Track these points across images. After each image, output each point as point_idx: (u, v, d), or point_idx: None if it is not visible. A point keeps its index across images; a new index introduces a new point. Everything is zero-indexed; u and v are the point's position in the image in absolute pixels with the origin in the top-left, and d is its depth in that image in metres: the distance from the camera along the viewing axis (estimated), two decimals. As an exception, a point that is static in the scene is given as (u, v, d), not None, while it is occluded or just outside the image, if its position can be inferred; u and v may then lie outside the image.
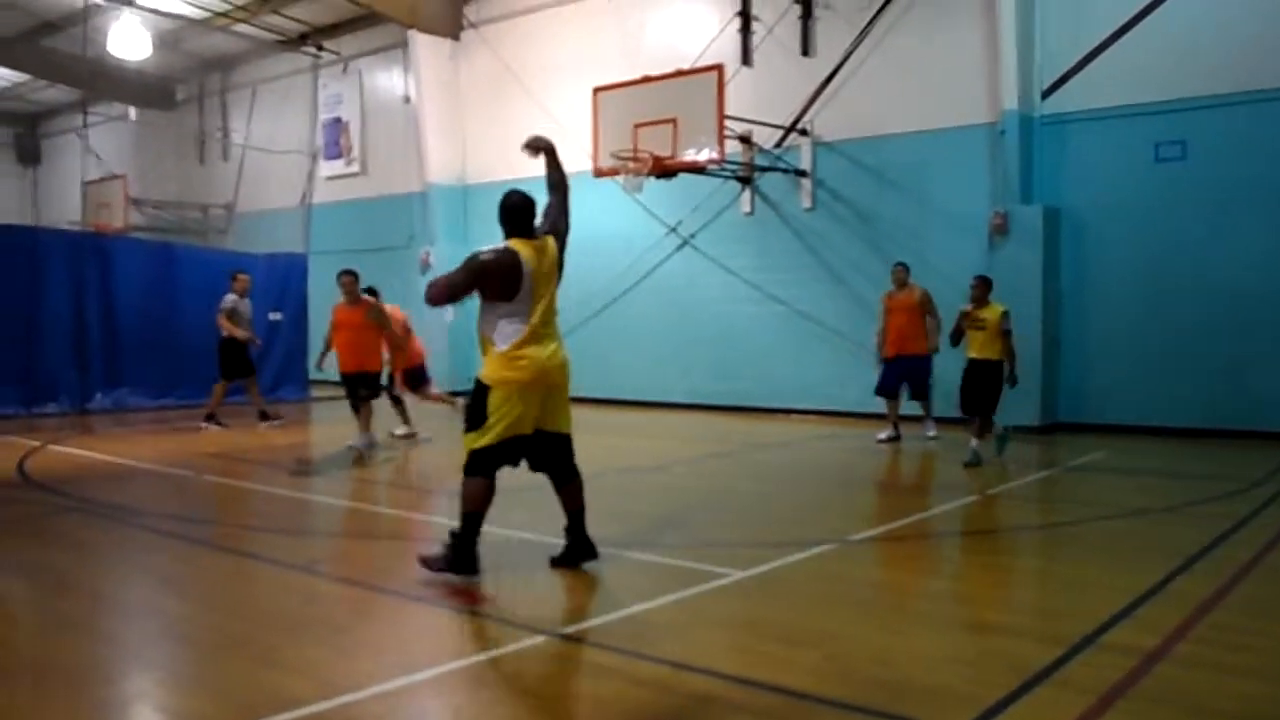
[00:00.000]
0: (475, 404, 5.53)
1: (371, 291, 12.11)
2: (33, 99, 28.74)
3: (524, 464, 5.75)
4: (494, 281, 5.50)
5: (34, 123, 30.71)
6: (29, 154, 30.89)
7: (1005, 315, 9.94)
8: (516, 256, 5.50)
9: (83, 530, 7.40)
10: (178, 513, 7.97)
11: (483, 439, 5.45)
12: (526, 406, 5.48)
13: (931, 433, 12.03)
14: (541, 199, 6.04)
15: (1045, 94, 12.95)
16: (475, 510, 5.49)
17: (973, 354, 10.05)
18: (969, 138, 13.48)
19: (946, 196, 13.68)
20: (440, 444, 11.90)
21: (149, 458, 10.83)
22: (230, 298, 13.65)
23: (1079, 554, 6.60)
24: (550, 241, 5.76)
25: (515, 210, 5.70)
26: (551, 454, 5.78)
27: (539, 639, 4.56)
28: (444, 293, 5.74)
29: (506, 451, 5.53)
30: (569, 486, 5.88)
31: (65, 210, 26.64)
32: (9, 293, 14.44)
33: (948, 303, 13.51)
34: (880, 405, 12.62)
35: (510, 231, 5.68)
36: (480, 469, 5.50)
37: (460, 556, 5.46)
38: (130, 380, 16.02)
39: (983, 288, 10.12)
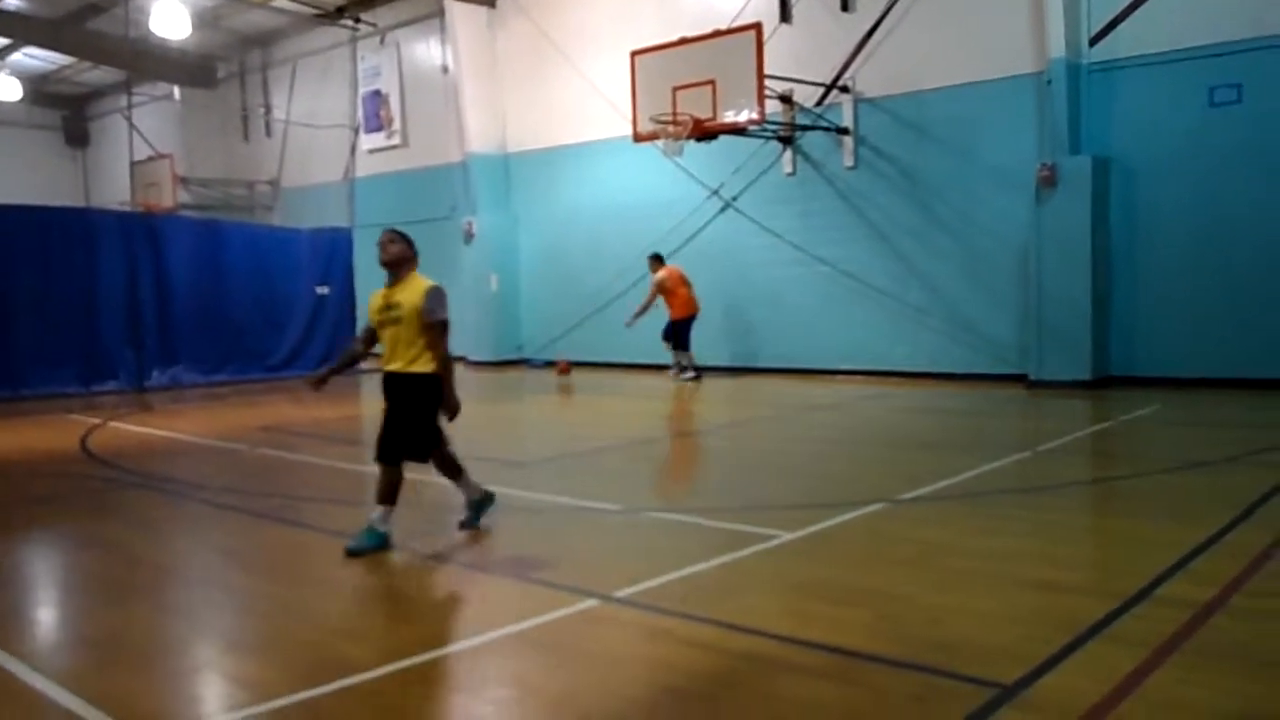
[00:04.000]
0: None
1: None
2: (79, 81, 29.15)
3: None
4: None
5: (81, 105, 31.17)
6: (77, 136, 31.38)
7: (432, 295, 5.77)
8: None
9: (146, 505, 7.60)
10: (235, 486, 8.14)
11: None
12: None
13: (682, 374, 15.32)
14: (583, 167, 6.04)
15: (1093, 40, 12.65)
16: None
17: (385, 363, 5.95)
18: (1014, 88, 13.23)
19: (992, 150, 13.46)
20: (485, 414, 11.98)
21: (205, 433, 11.06)
22: None
23: (1133, 508, 6.55)
24: None
25: None
26: None
27: (592, 603, 4.62)
28: None
29: None
30: None
31: (115, 191, 27.10)
32: (66, 274, 14.76)
33: (997, 261, 13.42)
34: (925, 364, 13.15)
35: None
36: None
37: None
38: (184, 357, 16.34)
39: (394, 246, 5.89)
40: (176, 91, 26.42)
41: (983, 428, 10.51)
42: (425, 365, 5.77)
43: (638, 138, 14.51)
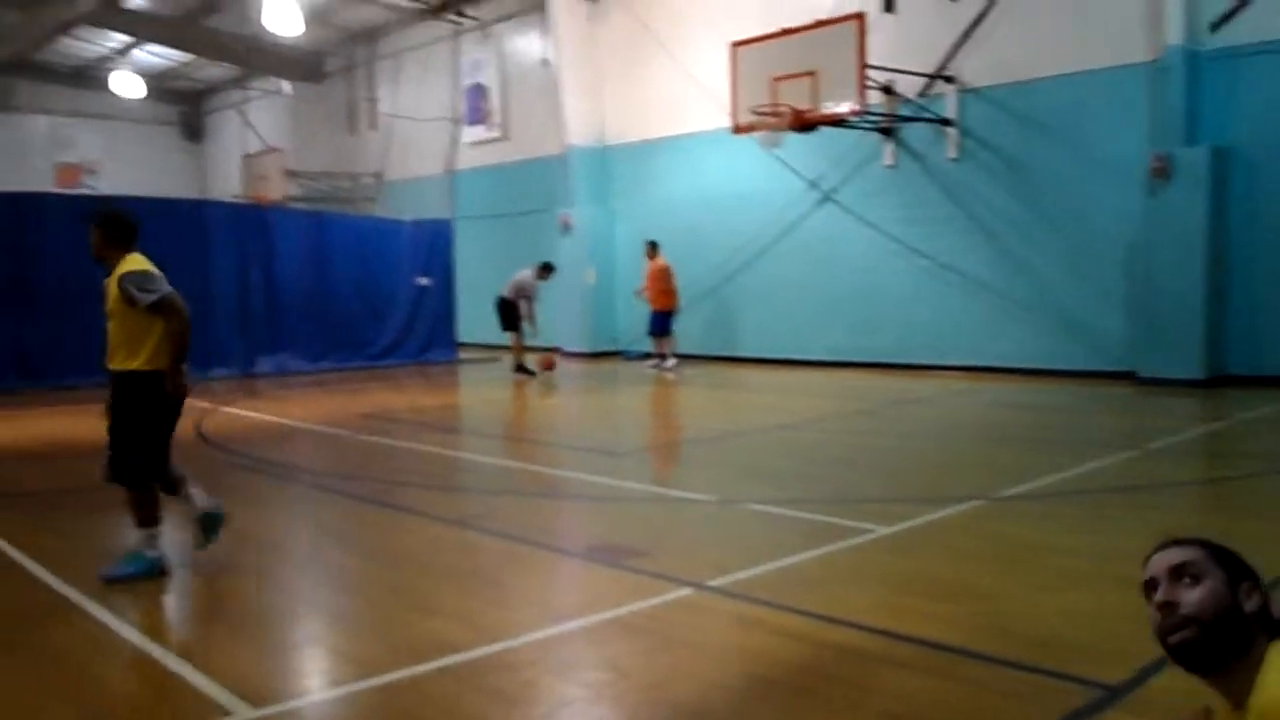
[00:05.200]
0: None
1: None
2: (195, 77, 30.31)
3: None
4: None
5: (198, 100, 32.39)
6: (194, 131, 32.65)
7: (127, 279, 5.00)
8: None
9: (255, 486, 7.87)
10: (339, 470, 8.38)
11: None
12: None
13: (669, 364, 16.10)
14: (681, 159, 5.95)
15: (1214, 26, 12.15)
16: None
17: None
18: (1127, 77, 12.78)
19: (1102, 141, 13.03)
20: (580, 404, 12.07)
21: (310, 418, 11.40)
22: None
23: (1246, 508, 6.30)
24: None
25: None
26: None
27: (686, 591, 4.64)
28: None
29: None
30: None
31: (228, 184, 28.09)
32: (181, 264, 15.14)
33: (1104, 255, 13.01)
34: (1026, 360, 13.11)
35: None
36: None
37: None
38: (290, 345, 16.83)
39: (92, 239, 5.15)
40: (286, 86, 27.24)
41: (1087, 425, 10.21)
42: (141, 361, 4.97)
43: (737, 129, 14.45)
